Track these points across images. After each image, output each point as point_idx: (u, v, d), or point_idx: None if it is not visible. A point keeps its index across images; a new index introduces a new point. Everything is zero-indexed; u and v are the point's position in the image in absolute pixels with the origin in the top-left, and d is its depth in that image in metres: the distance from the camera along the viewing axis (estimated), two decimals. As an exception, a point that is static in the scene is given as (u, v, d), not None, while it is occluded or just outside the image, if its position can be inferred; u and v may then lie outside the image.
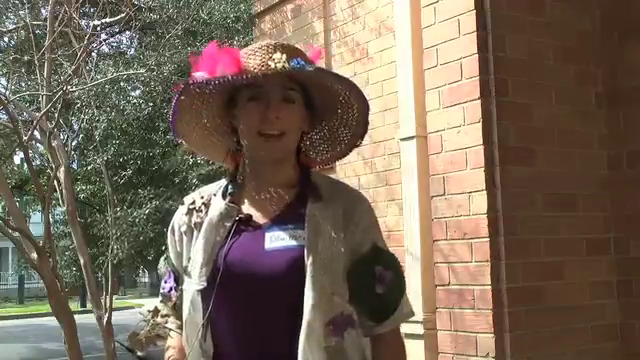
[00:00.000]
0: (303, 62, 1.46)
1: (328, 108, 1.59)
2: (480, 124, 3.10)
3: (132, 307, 22.00)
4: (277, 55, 1.45)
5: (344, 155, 1.66)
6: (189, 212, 1.58)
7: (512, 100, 3.18)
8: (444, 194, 3.25)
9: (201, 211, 1.56)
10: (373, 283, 1.51)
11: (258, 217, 1.53)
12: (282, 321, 1.43)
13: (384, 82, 4.46)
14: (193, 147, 1.67)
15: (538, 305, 3.13)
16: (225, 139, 1.62)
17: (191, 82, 1.48)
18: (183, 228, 1.58)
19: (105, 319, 4.76)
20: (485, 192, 3.07)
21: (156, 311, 1.51)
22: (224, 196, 1.56)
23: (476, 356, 3.07)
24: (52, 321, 5.16)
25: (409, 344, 4.03)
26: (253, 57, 1.47)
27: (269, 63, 1.44)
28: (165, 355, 1.60)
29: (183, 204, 1.61)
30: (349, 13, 4.85)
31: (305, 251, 1.44)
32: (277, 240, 1.48)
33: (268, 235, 1.49)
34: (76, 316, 4.66)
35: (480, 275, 3.07)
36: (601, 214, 3.42)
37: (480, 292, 3.06)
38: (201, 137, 1.62)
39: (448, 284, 3.22)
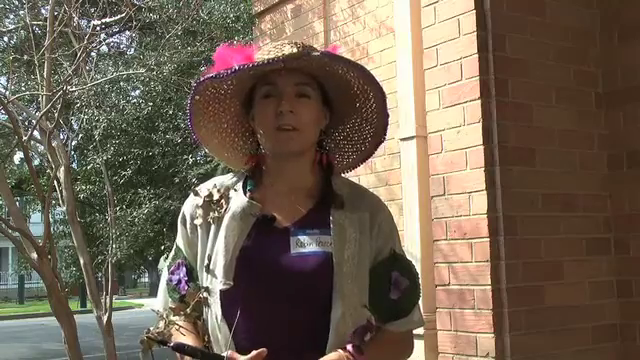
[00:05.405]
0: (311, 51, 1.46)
1: (347, 104, 1.58)
2: (480, 124, 3.10)
3: (132, 307, 22.05)
4: (287, 48, 1.46)
5: (369, 155, 1.64)
6: (205, 205, 1.53)
7: (512, 100, 3.18)
8: (444, 194, 3.25)
9: (221, 206, 1.52)
10: (388, 288, 1.51)
11: (281, 219, 1.50)
12: (305, 326, 1.43)
13: (384, 82, 4.44)
14: (213, 153, 1.66)
15: (538, 305, 3.13)
16: (245, 142, 1.63)
17: (202, 79, 1.47)
18: (198, 221, 1.53)
19: (105, 319, 4.75)
20: (485, 192, 3.07)
21: (175, 309, 1.49)
22: (244, 191, 1.53)
23: (476, 356, 3.07)
24: (52, 321, 5.15)
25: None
26: (267, 54, 1.48)
27: (278, 54, 1.44)
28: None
29: (197, 194, 1.56)
30: (349, 13, 4.85)
31: (333, 259, 1.44)
32: (303, 245, 1.46)
33: (293, 239, 1.47)
34: (76, 316, 4.65)
35: (480, 275, 3.07)
36: (601, 214, 3.42)
37: (480, 292, 3.06)
38: (221, 142, 1.62)
39: (448, 284, 3.22)
